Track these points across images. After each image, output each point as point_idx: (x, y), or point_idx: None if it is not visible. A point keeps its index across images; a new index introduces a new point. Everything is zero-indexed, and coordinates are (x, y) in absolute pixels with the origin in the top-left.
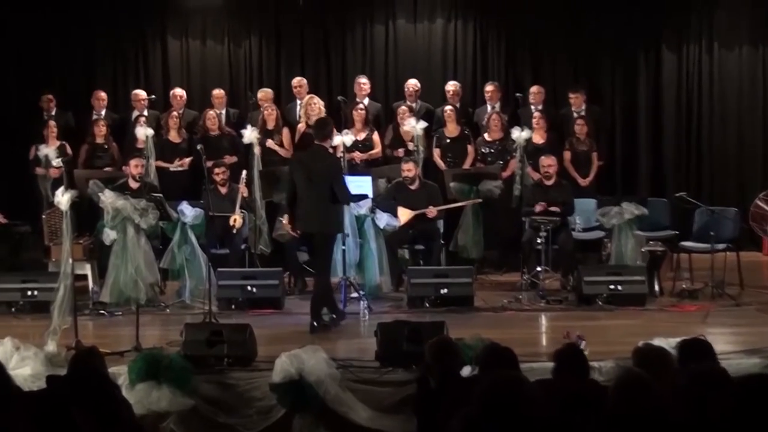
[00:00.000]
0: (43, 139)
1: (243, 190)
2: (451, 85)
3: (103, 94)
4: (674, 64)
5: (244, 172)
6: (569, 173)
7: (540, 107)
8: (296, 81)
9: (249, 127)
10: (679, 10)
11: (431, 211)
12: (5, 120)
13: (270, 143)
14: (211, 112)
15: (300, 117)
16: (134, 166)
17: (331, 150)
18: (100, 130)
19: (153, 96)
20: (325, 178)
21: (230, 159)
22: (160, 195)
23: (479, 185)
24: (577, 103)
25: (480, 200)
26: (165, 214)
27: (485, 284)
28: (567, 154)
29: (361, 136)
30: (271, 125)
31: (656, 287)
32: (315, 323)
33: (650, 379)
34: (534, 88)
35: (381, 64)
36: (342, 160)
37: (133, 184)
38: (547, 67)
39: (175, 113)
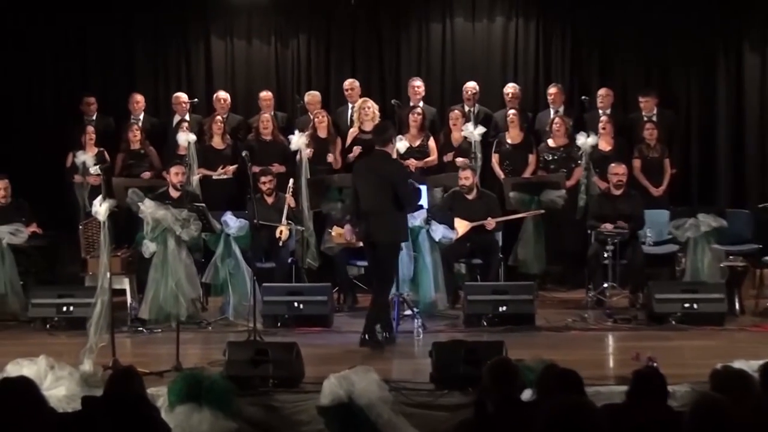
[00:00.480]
0: (81, 145)
1: (290, 200)
2: (511, 88)
3: (139, 97)
4: (757, 64)
5: (291, 181)
6: (639, 182)
7: (607, 111)
8: (348, 83)
9: (296, 132)
10: (764, 6)
11: (490, 223)
12: (42, 126)
13: (331, 159)
14: (267, 115)
15: (352, 121)
16: (174, 174)
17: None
18: (135, 135)
19: (195, 99)
20: (389, 184)
21: (278, 168)
22: (203, 205)
23: (541, 195)
24: (647, 107)
25: (542, 211)
26: (208, 226)
27: (547, 301)
28: (636, 162)
29: (416, 142)
30: (323, 133)
31: (736, 306)
32: (366, 336)
33: (730, 404)
34: (601, 91)
35: (437, 65)
36: None
37: (174, 193)
38: (615, 68)
39: (219, 117)
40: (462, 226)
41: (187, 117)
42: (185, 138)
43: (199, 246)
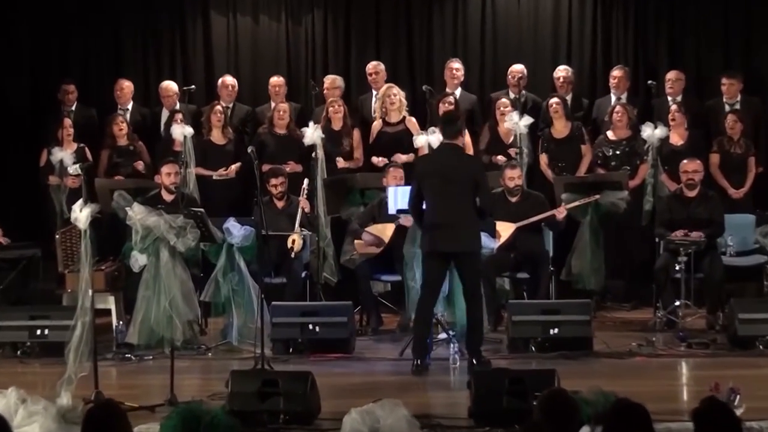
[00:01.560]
0: (58, 140)
1: (304, 205)
2: (562, 71)
3: (127, 84)
4: None
5: (306, 182)
6: (717, 182)
7: (679, 98)
8: (371, 67)
9: (311, 124)
10: None
11: (560, 211)
12: (12, 117)
13: (341, 163)
14: (284, 104)
15: (375, 112)
16: (167, 174)
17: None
18: (121, 129)
19: (192, 86)
20: (465, 184)
21: (294, 167)
22: (202, 210)
23: (600, 197)
24: (731, 91)
25: (597, 196)
26: (207, 234)
27: (607, 322)
28: (715, 158)
29: None
30: (337, 125)
31: None
32: (474, 361)
33: None
34: (671, 74)
35: (476, 46)
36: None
37: (168, 197)
38: (688, 48)
39: (218, 107)
40: (506, 229)
41: (177, 108)
42: (181, 131)
43: (197, 258)
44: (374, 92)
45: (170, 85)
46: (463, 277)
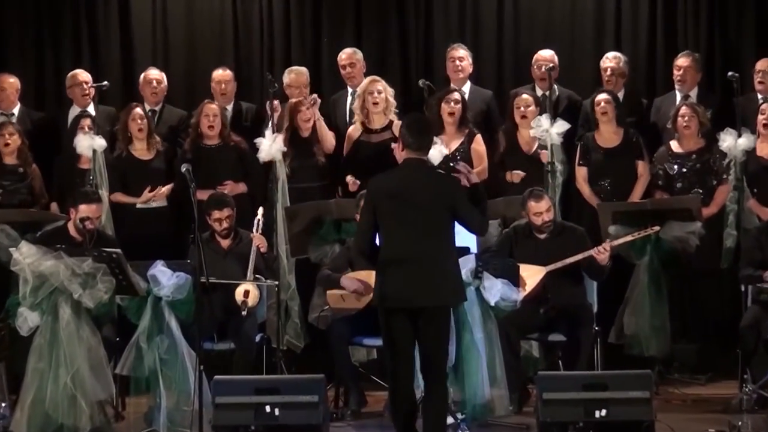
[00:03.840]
0: None
1: (259, 243)
2: (611, 60)
3: (11, 81)
4: None
5: (261, 212)
6: None
7: None
8: (344, 56)
9: (268, 133)
10: None
11: (601, 252)
12: None
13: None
14: (212, 105)
15: (353, 113)
16: (85, 210)
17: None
18: (5, 141)
19: (105, 83)
20: (438, 211)
21: (235, 187)
22: (118, 251)
23: (663, 229)
24: None
25: (656, 228)
26: (125, 284)
27: (674, 401)
28: None
29: (453, 144)
30: (306, 133)
31: None
32: None
33: None
34: (760, 64)
35: (490, 26)
36: None
37: (73, 232)
38: None
39: (139, 111)
40: (532, 274)
41: (91, 109)
42: (88, 144)
43: (112, 317)
44: (349, 90)
45: (81, 75)
46: (426, 341)
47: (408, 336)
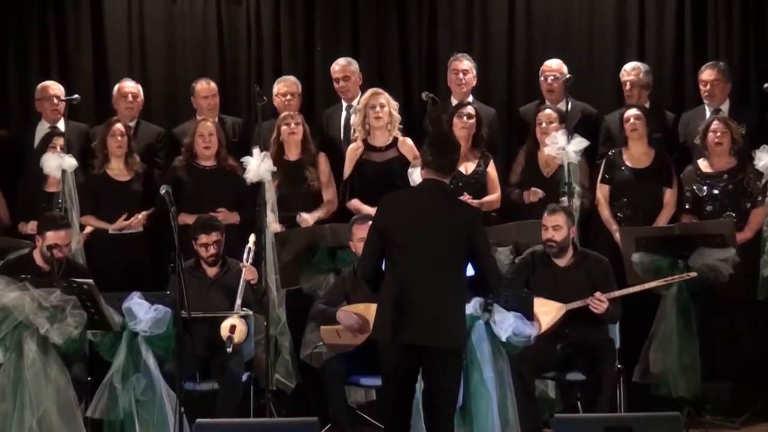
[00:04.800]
0: None
1: (249, 274)
2: (630, 73)
3: None
4: None
5: (252, 239)
6: None
7: None
8: (338, 68)
9: (256, 151)
10: None
11: (596, 302)
12: None
13: (307, 222)
14: (208, 123)
15: (348, 129)
16: (53, 237)
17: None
18: None
19: (75, 96)
20: (454, 242)
21: (228, 215)
22: (90, 282)
23: (691, 259)
24: None
25: (693, 274)
26: (98, 318)
27: None
28: None
29: (468, 166)
30: (294, 152)
31: None
32: None
33: None
34: None
35: (500, 33)
36: None
37: (40, 261)
38: None
39: (119, 127)
40: (549, 310)
41: (61, 125)
42: (57, 163)
43: (83, 354)
44: (343, 104)
45: (52, 87)
46: (433, 385)
47: (409, 375)
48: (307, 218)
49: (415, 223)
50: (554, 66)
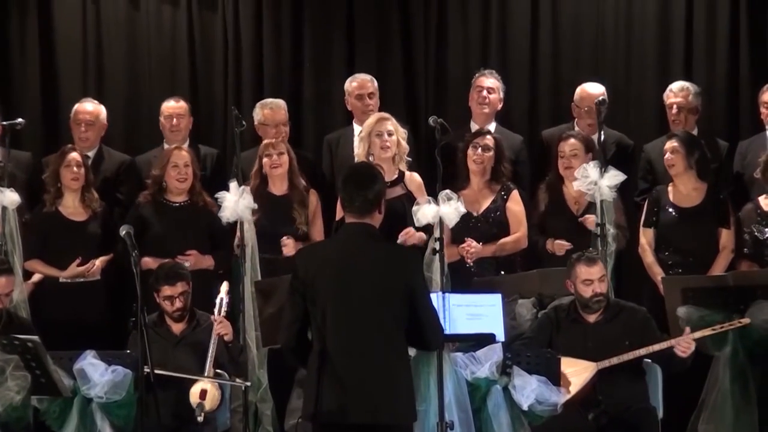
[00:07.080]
0: None
1: (222, 329)
2: (678, 94)
3: None
4: None
5: (225, 288)
6: None
7: None
8: (361, 81)
9: (233, 186)
10: None
11: (683, 345)
12: None
13: (289, 248)
14: (182, 153)
15: (357, 160)
16: None
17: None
18: None
19: (19, 120)
20: (390, 296)
21: (200, 259)
22: (35, 338)
23: (748, 312)
24: None
25: (747, 320)
26: (44, 381)
27: None
28: None
29: (485, 203)
30: (279, 187)
31: None
32: None
33: None
34: None
35: (522, 51)
36: (438, 258)
37: None
38: None
39: (74, 156)
40: (579, 371)
41: None
42: None
43: (27, 423)
44: (355, 127)
45: None
46: None
47: None
48: (290, 244)
49: (340, 278)
50: (594, 91)
